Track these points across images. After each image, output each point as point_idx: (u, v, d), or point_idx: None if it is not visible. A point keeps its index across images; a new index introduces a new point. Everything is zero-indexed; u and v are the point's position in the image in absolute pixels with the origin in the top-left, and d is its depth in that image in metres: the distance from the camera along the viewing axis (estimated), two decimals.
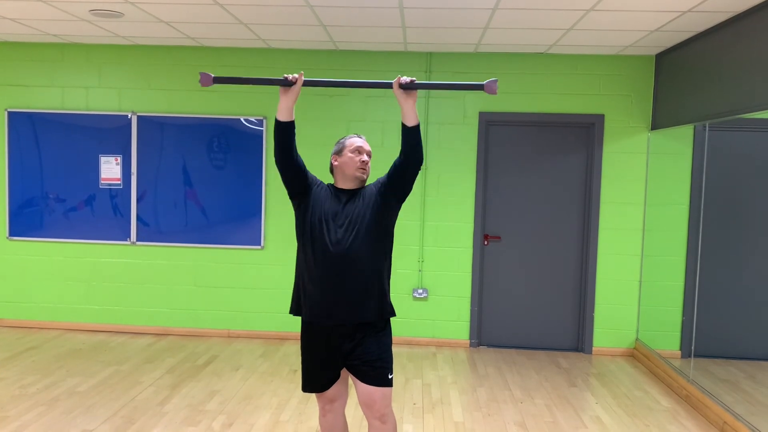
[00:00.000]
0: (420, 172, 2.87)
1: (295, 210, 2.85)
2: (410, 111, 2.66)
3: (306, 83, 2.73)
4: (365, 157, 2.83)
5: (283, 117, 2.72)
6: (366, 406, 2.79)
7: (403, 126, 2.70)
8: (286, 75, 2.69)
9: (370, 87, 2.93)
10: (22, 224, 5.97)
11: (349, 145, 2.84)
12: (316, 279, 2.72)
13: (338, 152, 2.86)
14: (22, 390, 4.39)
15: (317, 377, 2.85)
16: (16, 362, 4.99)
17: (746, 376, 5.08)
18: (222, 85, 5.73)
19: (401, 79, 2.65)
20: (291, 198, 2.85)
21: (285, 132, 2.74)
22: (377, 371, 2.75)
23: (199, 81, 2.75)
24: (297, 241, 2.83)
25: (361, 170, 2.81)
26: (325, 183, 2.91)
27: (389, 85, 2.70)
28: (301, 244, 2.80)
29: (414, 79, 2.66)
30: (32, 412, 4.01)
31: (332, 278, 2.70)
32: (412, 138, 2.69)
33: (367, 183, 2.90)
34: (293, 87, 2.70)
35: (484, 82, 2.65)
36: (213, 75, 2.72)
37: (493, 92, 2.65)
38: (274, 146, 2.79)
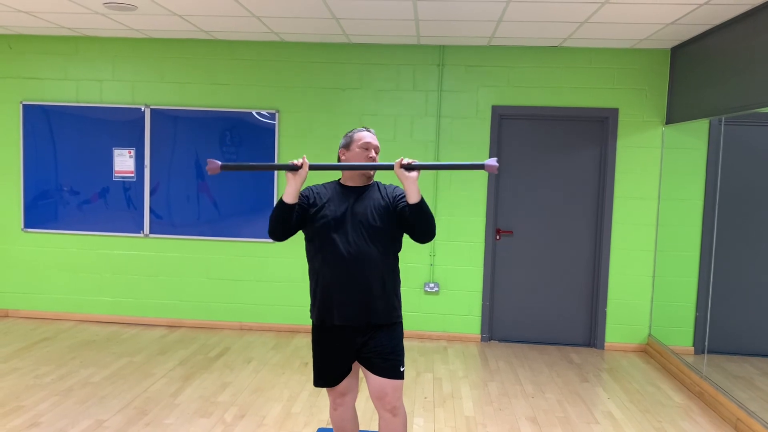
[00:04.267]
0: None
1: (303, 230, 2.86)
2: (411, 188, 2.65)
3: (311, 167, 2.72)
4: (373, 154, 2.81)
5: (289, 200, 2.71)
6: (377, 398, 2.79)
7: (408, 205, 2.69)
8: (292, 161, 2.69)
9: (370, 169, 2.82)
10: (37, 216, 6.02)
11: (358, 139, 2.82)
12: (326, 280, 2.74)
13: (346, 146, 2.85)
14: (37, 380, 4.43)
15: (329, 372, 2.86)
16: (31, 353, 5.04)
17: (760, 372, 5.04)
18: (235, 77, 5.79)
19: (402, 160, 2.65)
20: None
21: (289, 213, 2.72)
22: (389, 363, 2.76)
23: (206, 168, 2.79)
24: (306, 245, 2.83)
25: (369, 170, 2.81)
26: (327, 182, 2.90)
27: (391, 167, 2.69)
28: (310, 246, 2.81)
29: (414, 161, 2.66)
30: (47, 401, 4.05)
31: (341, 279, 2.71)
32: (417, 214, 2.68)
33: (375, 178, 2.90)
34: (300, 171, 2.69)
35: (485, 162, 2.65)
36: (221, 163, 2.76)
37: (493, 171, 2.65)
38: (273, 223, 2.75)
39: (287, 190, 2.70)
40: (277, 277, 5.91)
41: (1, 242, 6.08)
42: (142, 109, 5.88)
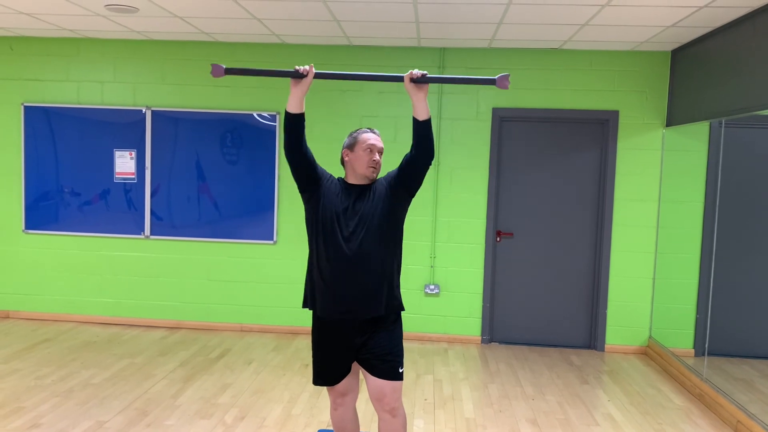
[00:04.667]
0: (432, 167, 2.87)
1: (305, 204, 2.85)
2: (421, 104, 2.66)
3: (317, 75, 2.72)
4: (377, 156, 2.81)
5: (293, 109, 2.71)
6: (376, 399, 2.80)
7: (414, 120, 2.69)
8: (297, 67, 2.69)
9: (381, 80, 2.91)
10: (38, 218, 6.03)
11: (362, 141, 2.82)
12: (327, 273, 2.73)
13: (350, 146, 2.85)
14: (38, 381, 4.44)
15: (328, 370, 2.86)
16: (32, 354, 5.05)
17: (761, 375, 5.04)
18: (235, 79, 5.79)
19: (413, 72, 2.64)
20: (301, 192, 2.85)
21: (295, 123, 2.73)
22: (388, 365, 2.76)
23: (211, 72, 2.76)
24: (308, 236, 2.84)
25: (372, 169, 2.80)
26: (336, 177, 2.90)
27: (401, 79, 2.69)
28: (313, 238, 2.80)
29: (426, 72, 2.65)
30: (47, 403, 4.05)
31: (343, 273, 2.71)
32: (423, 132, 2.69)
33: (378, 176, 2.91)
34: (304, 79, 2.69)
35: (496, 77, 2.64)
36: (225, 66, 2.73)
37: (504, 87, 2.64)
38: (284, 138, 2.77)
39: (290, 98, 2.70)
40: (277, 278, 5.91)
41: (2, 243, 6.09)
42: (143, 110, 5.89)
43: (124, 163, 5.94)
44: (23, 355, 5.02)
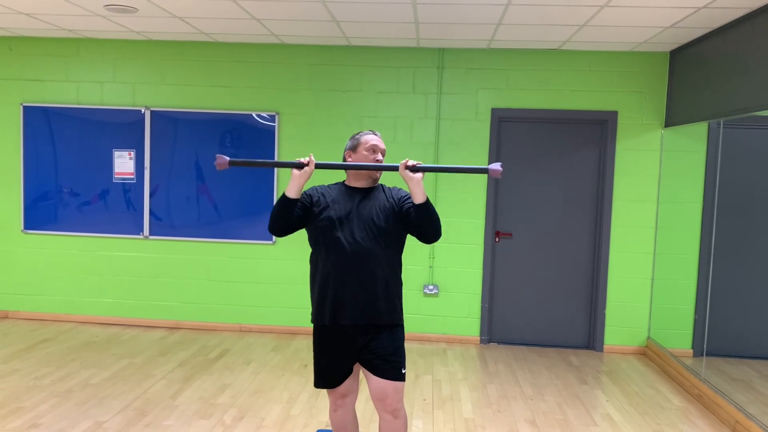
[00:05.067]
0: None
1: (306, 228, 2.86)
2: (416, 189, 2.67)
3: (317, 166, 2.74)
4: (379, 156, 2.83)
5: (292, 195, 2.72)
6: (378, 400, 2.80)
7: (414, 206, 2.71)
8: (299, 159, 2.71)
9: (376, 170, 2.82)
10: (37, 218, 6.03)
11: (364, 142, 2.83)
12: (330, 279, 2.74)
13: (352, 148, 2.86)
14: (37, 381, 4.44)
15: (330, 373, 2.86)
16: (31, 354, 5.05)
17: (759, 375, 5.04)
18: (235, 80, 5.80)
19: (407, 162, 2.67)
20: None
21: (289, 207, 2.73)
22: (390, 365, 2.77)
23: (215, 163, 2.81)
24: (310, 246, 2.84)
25: (375, 170, 2.82)
26: (331, 183, 2.91)
27: (396, 168, 2.71)
28: (315, 246, 2.81)
29: (419, 162, 2.69)
30: (47, 403, 4.05)
31: (345, 277, 2.72)
32: (424, 215, 2.71)
33: (380, 181, 2.91)
34: (305, 169, 2.70)
35: (489, 166, 2.68)
36: (229, 158, 2.77)
37: (497, 176, 2.69)
38: (274, 218, 2.76)
39: (290, 185, 2.71)
40: (276, 279, 5.92)
41: (1, 244, 6.09)
42: (143, 110, 5.90)
43: (123, 164, 5.94)
44: (22, 355, 5.02)
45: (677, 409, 4.41)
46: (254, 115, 5.84)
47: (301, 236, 2.90)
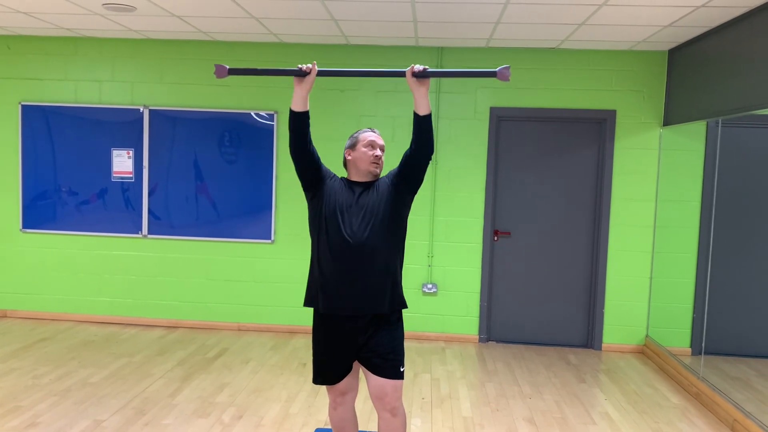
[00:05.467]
0: (430, 167, 2.88)
1: (309, 202, 2.86)
2: (423, 99, 2.68)
3: (320, 73, 2.74)
4: (378, 152, 2.84)
5: (297, 107, 2.74)
6: (377, 398, 2.80)
7: (415, 115, 2.72)
8: (300, 65, 2.70)
9: (382, 76, 2.92)
10: (36, 217, 6.02)
11: (363, 139, 2.85)
12: (331, 269, 2.73)
13: (352, 146, 2.87)
14: (35, 380, 4.43)
15: (329, 369, 2.86)
16: (29, 353, 5.05)
17: (757, 373, 5.05)
18: (234, 79, 5.79)
19: (414, 67, 2.67)
20: (305, 190, 2.86)
21: (300, 121, 2.76)
22: (389, 363, 2.77)
23: (214, 73, 2.77)
24: (311, 234, 2.84)
25: (375, 164, 2.82)
26: (339, 176, 2.92)
27: (402, 74, 2.72)
28: (316, 235, 2.81)
29: (426, 67, 2.67)
30: (45, 402, 4.05)
31: (347, 268, 2.71)
32: (423, 127, 2.71)
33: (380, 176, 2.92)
34: (307, 77, 2.72)
35: (497, 69, 2.66)
36: (228, 67, 2.74)
37: (505, 79, 2.66)
38: (289, 136, 2.80)
39: (294, 96, 2.73)
40: (275, 277, 5.92)
41: None
42: (141, 109, 5.89)
43: (122, 162, 5.93)
44: (21, 354, 5.02)
45: (675, 408, 4.41)
46: (253, 114, 5.84)
47: (300, 236, 2.90)
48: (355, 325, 2.77)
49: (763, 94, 4.00)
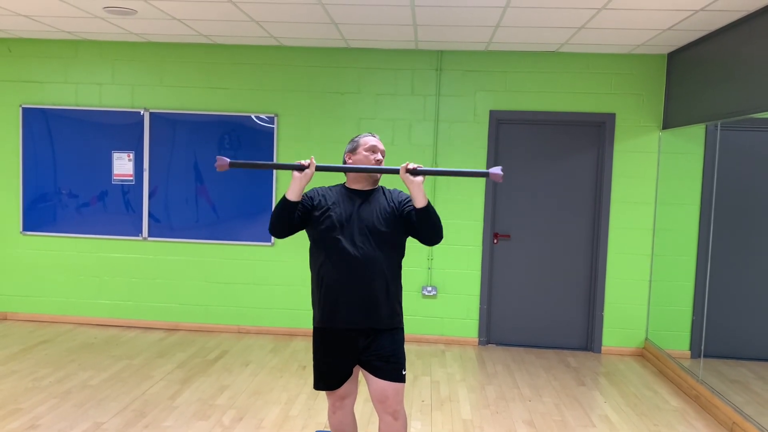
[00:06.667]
0: None
1: (307, 229, 2.86)
2: (417, 193, 2.67)
3: (318, 168, 2.74)
4: (379, 156, 2.84)
5: (292, 197, 2.72)
6: (378, 401, 2.80)
7: (415, 209, 2.72)
8: (300, 161, 2.71)
9: (375, 173, 2.81)
10: (36, 219, 6.03)
11: (364, 143, 2.85)
12: (331, 282, 2.75)
13: (352, 150, 2.87)
14: (35, 383, 4.44)
15: (330, 375, 2.86)
16: (29, 355, 5.05)
17: (756, 376, 5.06)
18: (233, 81, 5.82)
19: (408, 165, 2.68)
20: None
21: (291, 210, 2.74)
22: (391, 366, 2.77)
23: (215, 165, 2.81)
24: (312, 252, 2.85)
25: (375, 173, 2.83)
26: (332, 185, 2.91)
27: (396, 171, 2.71)
28: (315, 249, 2.82)
29: (420, 165, 2.69)
30: (45, 404, 4.06)
31: (346, 282, 2.72)
32: (425, 218, 2.71)
33: (380, 183, 2.92)
34: (306, 171, 2.71)
35: (490, 170, 2.69)
36: (229, 160, 2.77)
37: (498, 180, 2.70)
38: (274, 220, 2.77)
39: (291, 187, 2.71)
40: (275, 280, 5.92)
41: (0, 245, 6.10)
42: (142, 112, 5.90)
43: (122, 165, 5.94)
44: (21, 356, 5.02)
45: (675, 411, 4.42)
46: (253, 116, 5.85)
47: (300, 238, 2.90)
48: (356, 333, 2.78)
49: (761, 98, 4.01)
